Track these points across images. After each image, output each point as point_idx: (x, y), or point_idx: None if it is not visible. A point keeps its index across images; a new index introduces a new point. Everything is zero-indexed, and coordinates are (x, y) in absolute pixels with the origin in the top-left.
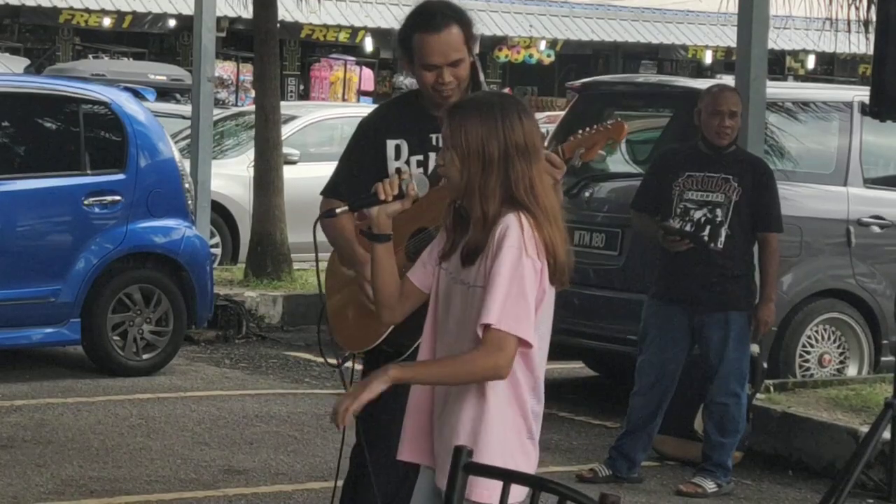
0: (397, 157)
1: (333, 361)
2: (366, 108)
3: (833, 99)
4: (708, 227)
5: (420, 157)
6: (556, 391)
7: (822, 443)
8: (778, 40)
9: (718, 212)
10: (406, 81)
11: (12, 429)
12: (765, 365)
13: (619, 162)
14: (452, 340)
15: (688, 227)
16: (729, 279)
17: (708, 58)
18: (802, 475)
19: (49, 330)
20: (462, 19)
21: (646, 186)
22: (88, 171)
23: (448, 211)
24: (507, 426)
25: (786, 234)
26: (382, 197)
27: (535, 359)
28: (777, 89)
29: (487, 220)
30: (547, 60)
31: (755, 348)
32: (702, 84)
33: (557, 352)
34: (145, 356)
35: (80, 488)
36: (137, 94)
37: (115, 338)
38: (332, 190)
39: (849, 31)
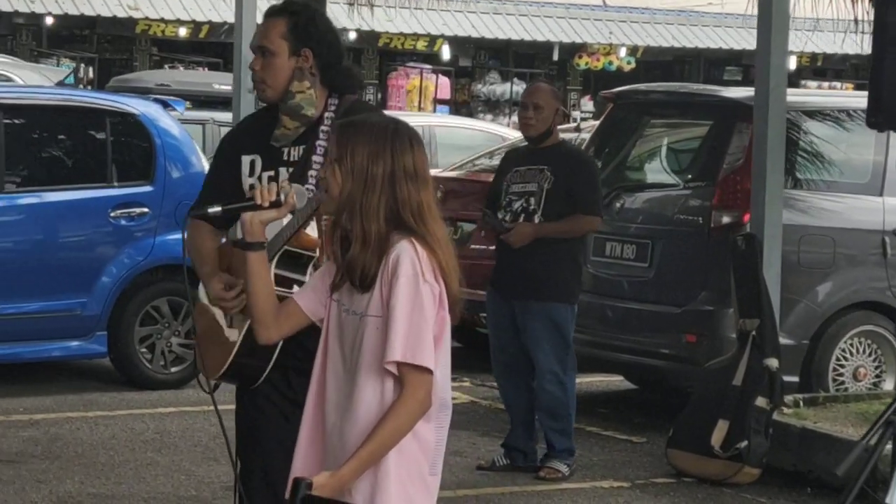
0: (251, 173)
1: (208, 387)
2: (440, 118)
3: None
4: (522, 216)
5: (271, 173)
6: (588, 405)
7: (841, 460)
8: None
9: (532, 200)
10: (484, 90)
11: (24, 444)
12: (783, 378)
13: (650, 172)
14: (343, 372)
15: (507, 217)
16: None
17: (792, 63)
18: (821, 492)
19: (75, 343)
20: (293, 12)
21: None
22: (115, 183)
23: (332, 239)
24: (409, 468)
25: (818, 246)
26: (259, 201)
27: (438, 385)
28: (811, 98)
29: (369, 238)
30: (627, 67)
31: (774, 362)
32: (738, 93)
33: (592, 365)
34: (174, 369)
35: None
36: (166, 105)
37: (143, 351)
38: (197, 209)
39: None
